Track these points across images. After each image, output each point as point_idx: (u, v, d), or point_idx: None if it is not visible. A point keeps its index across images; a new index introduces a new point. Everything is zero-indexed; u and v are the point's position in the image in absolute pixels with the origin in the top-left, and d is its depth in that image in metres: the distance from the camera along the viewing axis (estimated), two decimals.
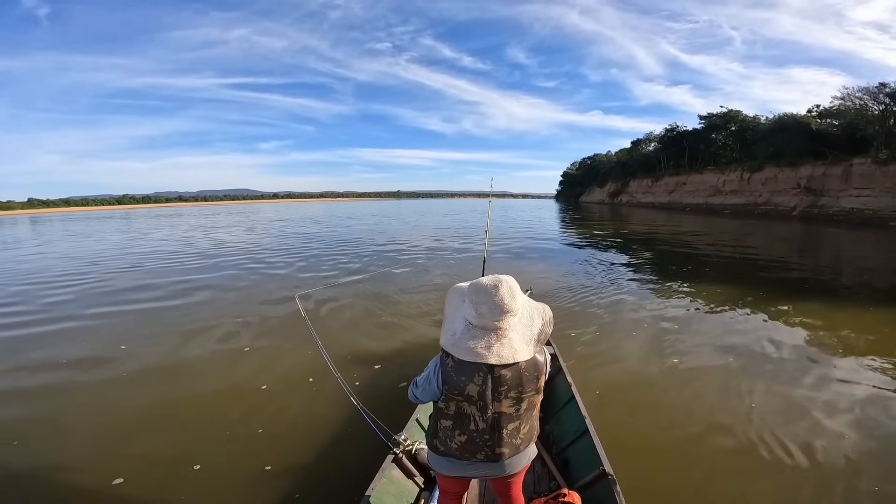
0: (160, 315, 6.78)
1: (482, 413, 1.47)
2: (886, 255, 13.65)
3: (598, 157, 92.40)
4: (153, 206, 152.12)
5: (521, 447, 1.57)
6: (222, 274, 10.34)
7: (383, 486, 2.10)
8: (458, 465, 1.58)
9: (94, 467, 3.01)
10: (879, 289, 8.56)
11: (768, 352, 4.80)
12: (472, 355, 1.41)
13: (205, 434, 3.45)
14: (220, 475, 2.92)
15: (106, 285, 9.16)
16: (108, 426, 3.60)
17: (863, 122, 31.93)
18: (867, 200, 27.10)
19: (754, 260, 12.04)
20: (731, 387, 3.94)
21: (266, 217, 41.39)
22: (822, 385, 3.96)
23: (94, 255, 14.76)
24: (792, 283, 8.81)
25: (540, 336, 1.50)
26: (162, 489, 2.79)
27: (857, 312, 6.51)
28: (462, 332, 1.48)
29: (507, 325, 1.45)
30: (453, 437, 1.53)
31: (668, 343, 5.07)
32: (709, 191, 45.19)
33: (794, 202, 33.46)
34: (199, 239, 19.70)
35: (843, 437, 3.11)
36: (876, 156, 27.81)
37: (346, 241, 17.47)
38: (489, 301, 1.43)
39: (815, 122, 36.72)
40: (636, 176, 65.90)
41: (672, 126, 58.20)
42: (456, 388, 1.46)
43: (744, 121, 47.41)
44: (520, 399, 1.49)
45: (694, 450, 3.01)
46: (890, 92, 30.89)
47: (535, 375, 1.49)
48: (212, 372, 4.71)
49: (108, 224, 36.65)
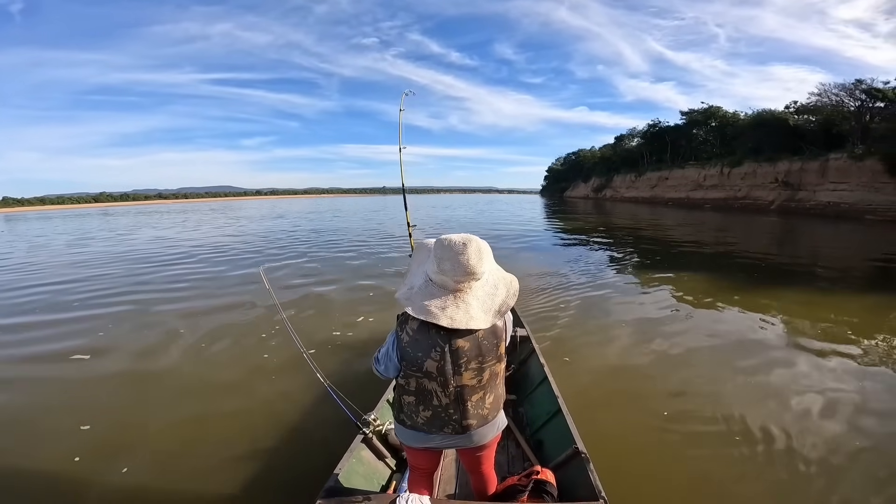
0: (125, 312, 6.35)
1: (444, 389, 1.42)
2: (863, 246, 13.84)
3: (583, 153, 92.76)
4: (131, 203, 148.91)
5: (488, 417, 1.53)
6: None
7: (352, 466, 2.06)
8: (426, 438, 1.53)
9: (48, 446, 3.05)
10: (859, 277, 8.71)
11: (749, 338, 4.82)
12: (425, 313, 1.32)
13: (165, 414, 3.47)
14: (181, 455, 2.93)
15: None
16: (78, 407, 3.64)
17: (839, 118, 32.62)
18: (843, 194, 27.63)
19: (734, 252, 12.04)
20: (712, 373, 3.94)
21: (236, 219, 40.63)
22: (800, 368, 4.01)
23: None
24: (772, 272, 8.89)
25: (501, 308, 1.41)
26: (119, 471, 2.77)
27: (839, 299, 6.61)
28: (420, 287, 1.40)
29: (468, 288, 1.37)
30: (418, 412, 1.49)
31: (649, 331, 5.04)
32: (690, 185, 45.71)
33: (772, 196, 34.00)
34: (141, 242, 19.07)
35: (823, 419, 3.13)
36: (852, 151, 28.31)
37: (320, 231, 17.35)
38: (453, 259, 1.33)
39: (793, 118, 37.40)
40: (620, 171, 66.31)
41: (654, 122, 58.85)
42: (414, 364, 1.41)
43: (724, 117, 48.02)
44: (481, 370, 1.43)
45: (673, 436, 2.98)
46: (866, 89, 31.50)
47: (495, 343, 1.43)
48: (171, 353, 4.80)
49: (72, 224, 35.58)
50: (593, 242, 14.15)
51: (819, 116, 34.77)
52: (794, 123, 36.54)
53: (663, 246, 13.37)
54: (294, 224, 25.41)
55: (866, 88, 31.47)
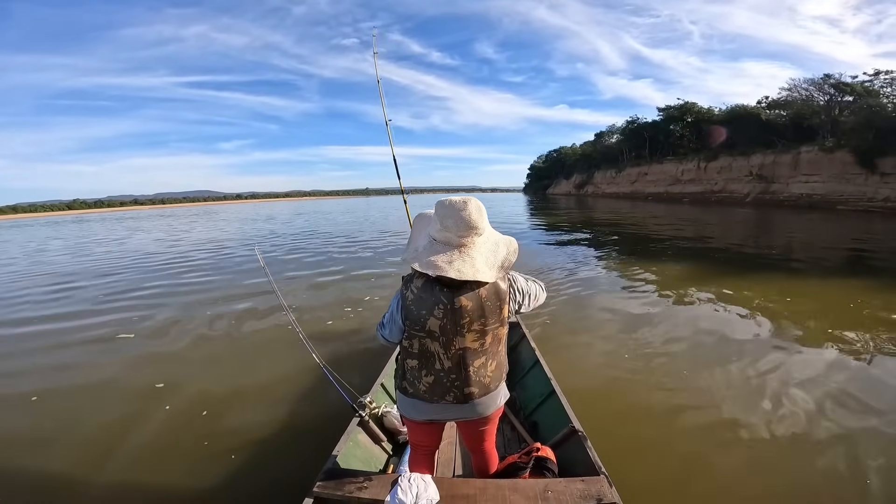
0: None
1: (446, 350, 1.45)
2: (837, 234, 14.26)
3: (564, 150, 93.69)
4: (107, 210, 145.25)
5: (490, 386, 1.54)
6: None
7: (349, 449, 2.05)
8: (427, 408, 1.54)
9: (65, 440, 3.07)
10: (836, 265, 8.99)
11: (729, 324, 4.90)
12: (433, 268, 1.35)
13: (154, 392, 3.62)
14: (176, 439, 2.96)
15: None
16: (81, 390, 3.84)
17: (809, 112, 33.62)
18: (816, 186, 28.52)
19: (713, 243, 12.36)
20: (698, 360, 3.99)
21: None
22: (782, 355, 4.02)
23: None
24: (749, 262, 9.13)
25: (504, 263, 1.46)
26: (114, 450, 2.83)
27: (818, 285, 6.82)
28: (425, 246, 1.43)
29: (471, 242, 1.41)
30: (420, 377, 1.50)
31: (633, 322, 5.11)
32: (669, 180, 46.59)
33: (747, 189, 34.87)
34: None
35: (804, 392, 3.23)
36: (822, 144, 29.29)
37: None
38: (455, 215, 1.37)
39: (765, 112, 38.43)
40: (600, 167, 67.24)
41: (633, 118, 59.64)
42: (417, 323, 1.43)
43: (699, 112, 48.96)
44: (484, 332, 1.45)
45: (664, 418, 3.01)
46: (834, 83, 32.52)
47: (498, 305, 1.45)
48: (170, 338, 5.04)
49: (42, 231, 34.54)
50: (576, 237, 14.32)
51: (790, 111, 35.75)
52: (766, 118, 37.51)
53: (644, 239, 13.60)
54: (285, 223, 26.24)
55: (835, 83, 32.50)
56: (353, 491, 1.63)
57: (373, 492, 1.61)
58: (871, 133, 24.89)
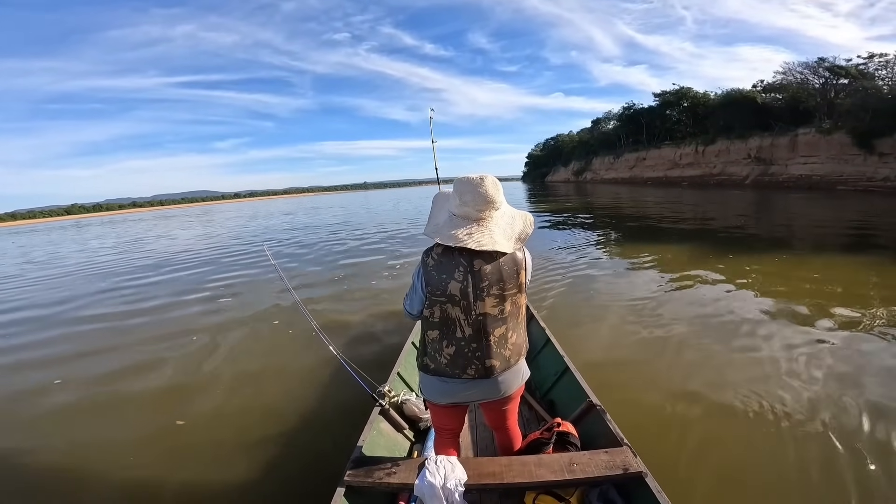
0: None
1: (466, 315, 1.49)
2: (838, 214, 14.22)
3: (561, 138, 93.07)
4: (106, 213, 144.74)
5: (511, 360, 1.58)
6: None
7: (373, 438, 2.08)
8: (450, 387, 1.58)
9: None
10: (838, 243, 8.99)
11: (740, 305, 4.90)
12: (454, 240, 1.43)
13: (184, 390, 3.77)
14: (202, 430, 3.12)
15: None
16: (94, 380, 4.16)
17: (804, 95, 33.48)
18: (814, 167, 28.48)
19: (714, 225, 12.42)
20: (705, 337, 4.06)
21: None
22: (786, 334, 4.05)
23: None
24: (752, 242, 9.18)
25: (521, 235, 1.53)
26: (143, 441, 3.00)
27: (823, 263, 6.78)
28: (445, 221, 1.52)
29: (489, 217, 1.48)
30: (441, 349, 1.54)
31: (639, 304, 5.16)
32: (667, 164, 46.44)
33: (746, 171, 34.82)
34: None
35: (809, 370, 3.29)
36: (819, 126, 29.24)
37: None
38: (473, 191, 1.46)
39: (761, 96, 38.17)
40: (598, 154, 66.83)
41: (629, 104, 59.23)
42: (438, 289, 1.49)
43: (695, 97, 48.63)
44: (503, 297, 1.51)
45: (681, 400, 3.02)
46: (829, 66, 32.39)
47: (516, 270, 1.51)
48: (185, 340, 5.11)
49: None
50: (577, 223, 14.41)
51: (785, 94, 35.56)
52: (762, 101, 37.29)
53: (645, 223, 13.70)
54: (291, 220, 26.91)
55: (829, 66, 32.34)
56: (382, 477, 1.66)
57: (402, 476, 1.65)
58: (868, 115, 24.86)
